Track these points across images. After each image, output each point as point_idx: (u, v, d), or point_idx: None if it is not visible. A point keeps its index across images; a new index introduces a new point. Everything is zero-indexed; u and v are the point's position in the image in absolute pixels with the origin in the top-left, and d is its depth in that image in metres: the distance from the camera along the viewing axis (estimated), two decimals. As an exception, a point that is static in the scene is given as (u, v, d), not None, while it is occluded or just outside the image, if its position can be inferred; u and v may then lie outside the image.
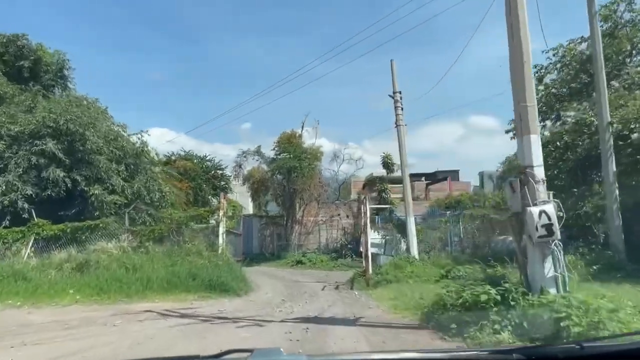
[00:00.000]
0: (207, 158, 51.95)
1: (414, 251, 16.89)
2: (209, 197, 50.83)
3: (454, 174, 51.20)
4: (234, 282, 13.35)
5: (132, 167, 19.12)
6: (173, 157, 51.43)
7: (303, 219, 35.17)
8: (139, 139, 19.31)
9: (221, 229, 14.21)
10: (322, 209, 35.62)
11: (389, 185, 28.26)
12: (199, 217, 14.60)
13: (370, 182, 37.65)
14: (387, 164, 27.83)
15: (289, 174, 32.43)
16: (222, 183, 51.85)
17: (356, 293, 13.08)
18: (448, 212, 24.05)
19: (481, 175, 52.29)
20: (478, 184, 51.32)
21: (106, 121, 19.77)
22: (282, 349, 1.83)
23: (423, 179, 51.51)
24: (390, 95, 17.97)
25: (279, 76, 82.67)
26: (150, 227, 15.22)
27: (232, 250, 15.75)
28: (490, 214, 19.02)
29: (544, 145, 16.25)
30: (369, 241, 16.16)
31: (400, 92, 17.96)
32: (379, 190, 27.98)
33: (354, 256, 27.59)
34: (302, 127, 35.42)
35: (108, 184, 17.39)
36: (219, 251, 14.03)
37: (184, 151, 51.68)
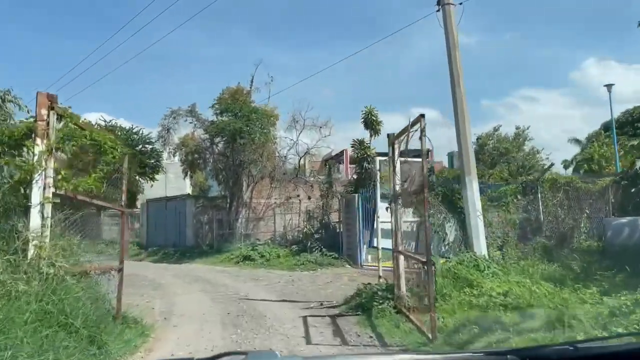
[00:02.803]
0: (134, 130, 41.04)
1: (481, 246, 8.04)
2: (135, 176, 40.03)
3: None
4: (55, 349, 3.93)
5: None
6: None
7: (252, 201, 25.77)
8: None
9: (36, 195, 4.70)
10: (277, 189, 26.35)
11: (374, 153, 19.36)
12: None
13: (335, 158, 28.58)
14: (370, 122, 19.02)
15: (234, 140, 22.83)
16: (152, 161, 41.12)
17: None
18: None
19: (450, 155, 45.46)
20: (446, 165, 44.96)
21: None
22: (277, 352, 1.62)
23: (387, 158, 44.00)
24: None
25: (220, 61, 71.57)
26: None
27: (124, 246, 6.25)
28: (576, 182, 10.50)
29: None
30: (398, 226, 7.08)
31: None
32: (360, 158, 19.11)
33: (323, 249, 18.65)
34: (252, 82, 25.82)
35: None
36: (29, 254, 4.62)
37: (104, 120, 40.43)
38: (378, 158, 8.90)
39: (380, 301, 7.24)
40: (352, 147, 19.55)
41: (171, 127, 25.16)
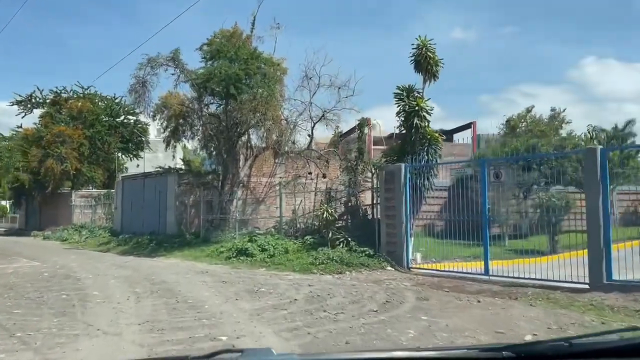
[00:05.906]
0: (116, 100, 34.23)
1: None
2: (115, 151, 33.27)
3: (447, 134, 37.16)
4: None
5: None
6: (64, 95, 33.34)
7: (251, 178, 19.26)
8: None
9: None
10: (283, 165, 19.89)
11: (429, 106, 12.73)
12: None
13: (359, 127, 21.83)
14: (424, 60, 12.63)
15: (228, 95, 16.25)
16: (136, 137, 34.39)
17: None
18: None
19: (477, 138, 39.36)
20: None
21: None
22: (272, 349, 1.55)
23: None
24: None
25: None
26: None
27: None
28: None
29: None
30: None
31: None
32: (408, 112, 12.68)
33: (351, 243, 12.35)
34: (253, 25, 19.10)
35: None
36: None
37: (81, 86, 33.63)
38: None
39: None
40: (395, 97, 12.99)
41: (148, 79, 18.43)
